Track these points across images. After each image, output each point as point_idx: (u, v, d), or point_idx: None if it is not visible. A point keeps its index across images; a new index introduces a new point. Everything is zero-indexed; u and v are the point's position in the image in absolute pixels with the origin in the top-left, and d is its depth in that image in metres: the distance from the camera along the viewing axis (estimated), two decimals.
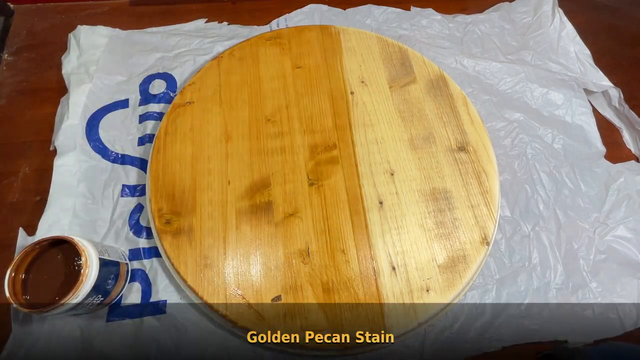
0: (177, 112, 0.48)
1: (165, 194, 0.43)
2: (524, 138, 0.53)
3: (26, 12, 0.61)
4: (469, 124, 0.49)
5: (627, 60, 0.63)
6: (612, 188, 0.50)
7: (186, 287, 0.39)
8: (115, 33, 0.58)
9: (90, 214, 0.45)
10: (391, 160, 0.46)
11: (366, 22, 0.62)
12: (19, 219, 0.45)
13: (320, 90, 0.50)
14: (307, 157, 0.46)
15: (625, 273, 0.45)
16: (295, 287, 0.39)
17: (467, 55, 0.59)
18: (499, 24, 0.64)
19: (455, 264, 0.41)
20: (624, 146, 0.56)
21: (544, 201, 0.49)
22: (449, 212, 0.44)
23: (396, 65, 0.53)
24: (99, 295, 0.36)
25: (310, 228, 0.42)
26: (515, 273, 0.44)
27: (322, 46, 0.54)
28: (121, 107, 0.52)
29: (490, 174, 0.46)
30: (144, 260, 0.43)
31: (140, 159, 0.48)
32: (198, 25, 0.61)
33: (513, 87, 0.57)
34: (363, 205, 0.43)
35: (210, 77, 0.50)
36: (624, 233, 0.47)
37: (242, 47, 0.53)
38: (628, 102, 0.55)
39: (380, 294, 0.39)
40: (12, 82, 0.55)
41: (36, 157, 0.49)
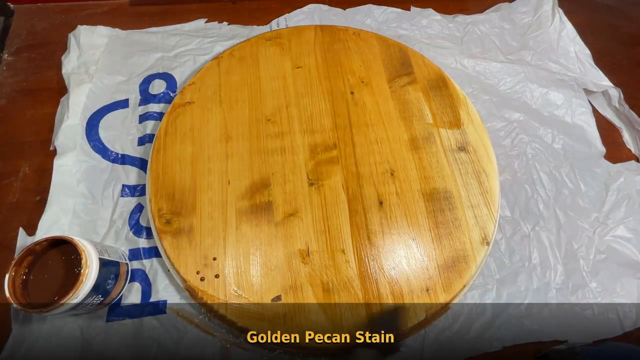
0: (177, 112, 0.48)
1: (165, 194, 0.43)
2: (524, 138, 0.53)
3: (26, 12, 0.61)
4: (469, 124, 0.49)
5: (627, 60, 0.63)
6: (612, 188, 0.50)
7: (186, 287, 0.39)
8: (115, 33, 0.58)
9: (90, 214, 0.45)
10: (391, 160, 0.46)
11: (366, 22, 0.62)
12: (19, 219, 0.45)
13: (320, 90, 0.50)
14: (307, 157, 0.46)
15: (625, 273, 0.45)
16: (295, 287, 0.39)
17: (467, 55, 0.59)
18: (499, 24, 0.64)
19: (455, 264, 0.41)
20: (624, 146, 0.56)
21: (544, 201, 0.49)
22: (449, 212, 0.44)
23: (396, 65, 0.53)
24: (99, 295, 0.36)
25: (310, 228, 0.42)
26: (515, 273, 0.44)
27: (322, 46, 0.54)
28: (121, 107, 0.52)
29: (490, 174, 0.46)
30: (144, 260, 0.43)
31: (140, 159, 0.48)
32: (198, 25, 0.61)
33: (513, 87, 0.57)
34: (363, 205, 0.43)
35: (210, 77, 0.50)
36: (624, 233, 0.47)
37: (242, 47, 0.53)
38: (628, 102, 0.55)
39: (380, 294, 0.39)
40: (12, 82, 0.55)
41: (36, 157, 0.49)
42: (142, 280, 0.42)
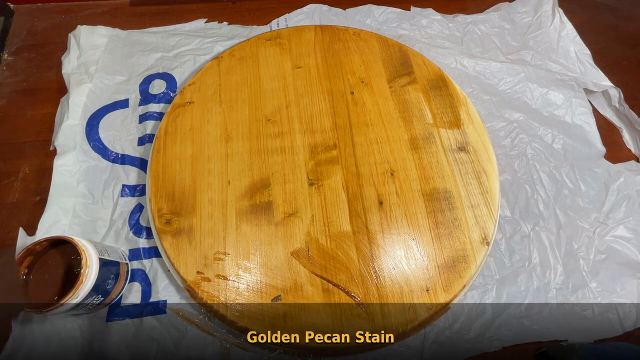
0: (177, 112, 0.48)
1: (165, 194, 0.43)
2: (524, 138, 0.53)
3: (26, 12, 0.61)
4: (469, 124, 0.49)
5: (627, 60, 0.63)
6: (612, 188, 0.50)
7: (186, 287, 0.39)
8: (115, 33, 0.58)
9: (90, 214, 0.45)
10: (391, 160, 0.46)
11: (366, 22, 0.62)
12: (19, 219, 0.45)
13: (320, 90, 0.50)
14: (307, 157, 0.46)
15: (625, 273, 0.45)
16: (295, 287, 0.39)
17: (467, 55, 0.59)
18: (499, 24, 0.64)
19: (455, 264, 0.41)
20: (624, 146, 0.56)
21: (544, 201, 0.49)
22: (449, 212, 0.44)
23: (396, 65, 0.53)
24: (99, 295, 0.36)
25: (310, 228, 0.42)
26: (515, 273, 0.44)
27: (322, 46, 0.54)
28: (121, 107, 0.52)
29: (490, 174, 0.46)
30: (144, 260, 0.43)
31: (140, 159, 0.48)
32: (198, 25, 0.61)
33: (513, 87, 0.57)
34: (363, 205, 0.43)
35: (210, 77, 0.50)
36: (624, 233, 0.47)
37: (242, 47, 0.53)
38: (628, 102, 0.55)
39: (380, 294, 0.39)
40: (12, 82, 0.55)
41: (36, 157, 0.49)
42: (142, 280, 0.42)
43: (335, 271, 0.40)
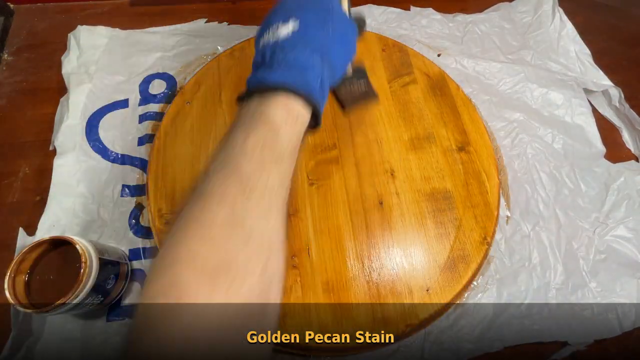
0: (177, 112, 0.48)
1: (165, 194, 0.43)
2: (524, 138, 0.53)
3: (26, 12, 0.61)
4: (469, 124, 0.49)
5: (627, 60, 0.63)
6: (612, 188, 0.50)
7: None
8: (115, 33, 0.58)
9: (90, 214, 0.45)
10: (391, 160, 0.46)
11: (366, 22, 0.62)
12: (19, 219, 0.45)
13: None
14: (307, 157, 0.46)
15: (625, 273, 0.45)
16: (295, 287, 0.39)
17: (467, 55, 0.59)
18: (499, 24, 0.64)
19: (455, 264, 0.41)
20: (624, 146, 0.56)
21: (544, 201, 0.49)
22: (449, 212, 0.44)
23: (396, 65, 0.53)
24: (99, 295, 0.36)
25: (310, 228, 0.42)
26: (515, 273, 0.44)
27: None
28: (121, 107, 0.52)
29: (490, 174, 0.46)
30: (144, 260, 0.43)
31: (140, 159, 0.48)
32: (198, 25, 0.61)
33: (513, 87, 0.57)
34: (363, 205, 0.43)
35: (210, 77, 0.50)
36: (624, 233, 0.47)
37: (242, 47, 0.53)
38: (628, 101, 0.55)
39: (380, 294, 0.39)
40: (12, 82, 0.55)
41: (36, 157, 0.49)
42: (142, 280, 0.42)
43: (335, 271, 0.40)
